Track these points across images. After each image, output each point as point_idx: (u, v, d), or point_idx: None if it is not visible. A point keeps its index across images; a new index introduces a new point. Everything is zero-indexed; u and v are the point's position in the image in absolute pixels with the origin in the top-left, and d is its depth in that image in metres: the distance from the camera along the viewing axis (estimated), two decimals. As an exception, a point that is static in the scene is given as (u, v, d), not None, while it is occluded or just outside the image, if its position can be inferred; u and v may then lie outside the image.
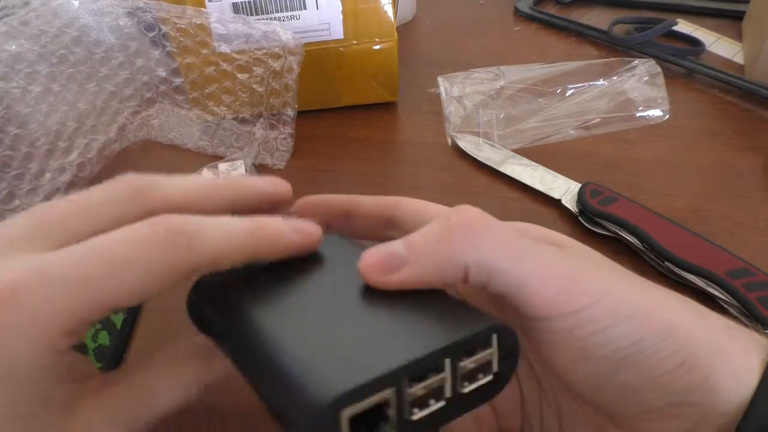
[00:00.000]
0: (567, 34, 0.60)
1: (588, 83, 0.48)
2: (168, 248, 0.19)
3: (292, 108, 0.45)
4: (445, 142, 0.46)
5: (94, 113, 0.45)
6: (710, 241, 0.34)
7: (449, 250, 0.20)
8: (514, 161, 0.43)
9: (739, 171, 0.42)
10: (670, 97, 0.48)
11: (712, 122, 0.47)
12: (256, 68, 0.44)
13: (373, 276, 0.20)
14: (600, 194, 0.38)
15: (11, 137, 0.38)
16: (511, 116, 0.47)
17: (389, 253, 0.20)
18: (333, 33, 0.45)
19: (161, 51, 0.46)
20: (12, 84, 0.38)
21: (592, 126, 0.46)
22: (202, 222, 0.20)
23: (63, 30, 0.41)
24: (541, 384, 0.23)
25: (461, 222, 0.20)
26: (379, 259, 0.20)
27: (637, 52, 0.55)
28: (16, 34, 0.39)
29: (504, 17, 0.63)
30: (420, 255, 0.20)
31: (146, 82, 0.48)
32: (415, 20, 0.64)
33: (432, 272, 0.20)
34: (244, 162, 0.43)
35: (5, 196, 0.39)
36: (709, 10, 0.61)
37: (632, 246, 0.36)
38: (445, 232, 0.20)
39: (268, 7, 0.44)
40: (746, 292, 0.31)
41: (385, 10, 0.45)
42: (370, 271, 0.20)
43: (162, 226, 0.19)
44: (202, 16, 0.42)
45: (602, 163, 0.43)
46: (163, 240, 0.19)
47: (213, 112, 0.47)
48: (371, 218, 0.25)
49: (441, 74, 0.50)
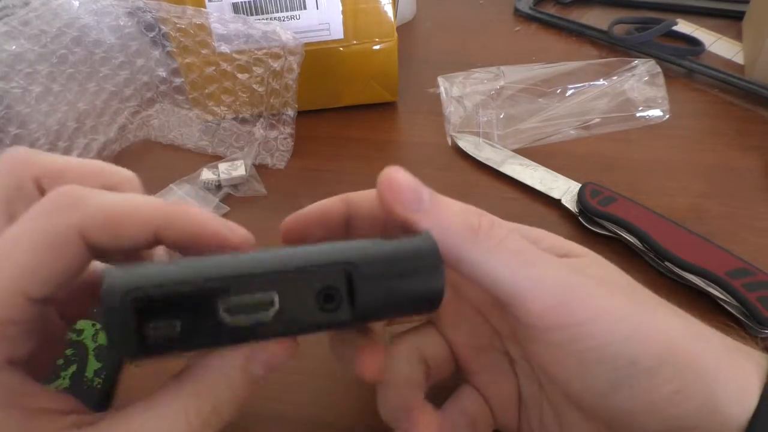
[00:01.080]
0: (567, 34, 0.60)
1: (588, 83, 0.48)
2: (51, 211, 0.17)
3: (292, 108, 0.45)
4: (445, 142, 0.46)
5: (94, 113, 0.45)
6: (710, 241, 0.34)
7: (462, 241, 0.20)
8: (514, 161, 0.43)
9: (740, 171, 0.42)
10: (670, 97, 0.48)
11: (712, 122, 0.47)
12: (256, 68, 0.44)
13: (394, 203, 0.20)
14: (600, 194, 0.38)
15: (11, 137, 0.38)
16: (511, 116, 0.47)
17: (416, 191, 0.20)
18: (333, 33, 0.45)
19: (161, 51, 0.46)
20: (12, 84, 0.38)
21: (592, 126, 0.46)
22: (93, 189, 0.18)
23: (63, 30, 0.41)
24: (542, 385, 0.23)
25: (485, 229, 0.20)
26: (405, 191, 0.20)
27: (637, 52, 0.55)
28: (16, 34, 0.39)
29: (504, 17, 0.63)
30: (438, 218, 0.20)
31: (146, 82, 0.48)
32: (415, 20, 0.64)
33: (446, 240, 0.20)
34: (244, 162, 0.43)
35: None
36: (709, 10, 0.61)
37: (632, 246, 0.36)
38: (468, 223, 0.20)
39: (268, 7, 0.44)
40: (746, 292, 0.31)
41: (385, 10, 0.45)
42: (390, 196, 0.20)
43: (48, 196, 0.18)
44: (202, 16, 0.42)
45: (602, 163, 0.43)
46: (48, 205, 0.18)
47: (213, 112, 0.47)
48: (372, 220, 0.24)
49: (441, 74, 0.50)
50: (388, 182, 0.20)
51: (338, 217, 0.24)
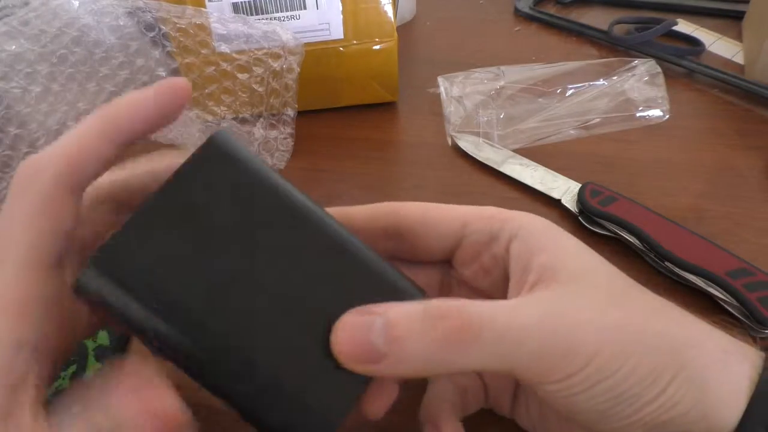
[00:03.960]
0: (567, 34, 0.60)
1: (588, 83, 0.48)
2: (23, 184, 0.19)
3: (292, 108, 0.44)
4: (445, 142, 0.46)
5: (94, 113, 0.44)
6: (710, 241, 0.34)
7: (436, 355, 0.18)
8: (514, 161, 0.43)
9: (740, 171, 0.42)
10: (670, 97, 0.48)
11: (712, 122, 0.47)
12: (256, 68, 0.44)
13: (347, 363, 0.19)
14: (600, 194, 0.38)
15: (11, 137, 0.38)
16: (511, 116, 0.47)
17: (367, 343, 0.18)
18: (333, 33, 0.45)
19: (161, 51, 0.45)
20: (12, 84, 0.38)
21: (592, 126, 0.46)
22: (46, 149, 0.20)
23: (63, 30, 0.41)
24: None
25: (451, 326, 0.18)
26: (356, 348, 0.19)
27: (637, 52, 0.55)
28: (16, 34, 0.39)
29: (504, 17, 0.63)
30: (403, 354, 0.18)
31: (146, 82, 0.48)
32: (415, 20, 0.64)
33: (415, 371, 0.19)
34: (244, 162, 0.43)
35: (5, 196, 0.39)
36: (709, 10, 0.61)
37: (632, 246, 0.36)
38: (433, 333, 0.18)
39: (268, 7, 0.44)
40: (746, 292, 0.31)
41: (385, 10, 0.45)
42: (344, 356, 0.19)
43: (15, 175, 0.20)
44: (202, 16, 0.42)
45: (602, 163, 0.43)
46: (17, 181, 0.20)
47: (213, 112, 0.47)
48: (368, 232, 0.24)
49: (441, 74, 0.50)
50: (339, 349, 0.19)
51: (384, 226, 0.24)
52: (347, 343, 0.19)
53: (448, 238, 0.25)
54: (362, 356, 0.19)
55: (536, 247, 0.22)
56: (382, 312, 0.19)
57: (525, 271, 0.22)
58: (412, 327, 0.18)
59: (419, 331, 0.18)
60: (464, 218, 0.24)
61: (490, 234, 0.24)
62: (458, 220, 0.24)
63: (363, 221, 0.24)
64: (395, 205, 0.25)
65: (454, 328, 0.18)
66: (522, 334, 0.19)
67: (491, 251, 0.24)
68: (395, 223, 0.24)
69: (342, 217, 0.23)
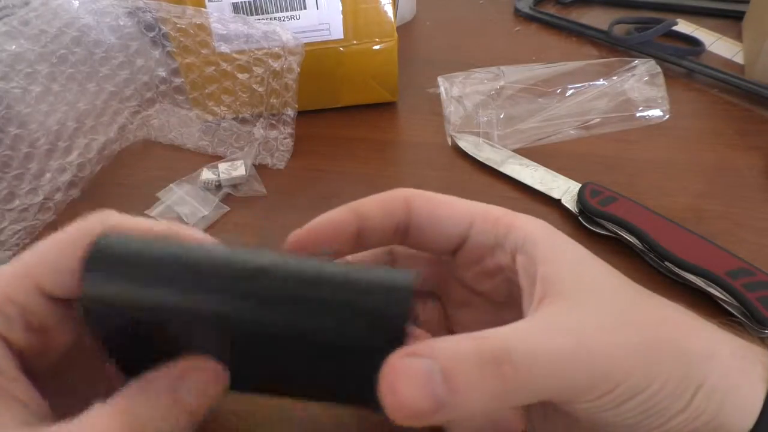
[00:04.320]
0: (567, 34, 0.60)
1: (588, 83, 0.48)
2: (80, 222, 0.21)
3: (292, 108, 0.44)
4: (445, 142, 0.46)
5: (94, 113, 0.45)
6: (710, 241, 0.34)
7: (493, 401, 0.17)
8: (514, 161, 0.43)
9: (740, 171, 0.42)
10: (670, 97, 0.48)
11: (712, 122, 0.47)
12: (256, 68, 0.44)
13: (407, 421, 0.17)
14: (600, 194, 0.38)
15: (11, 137, 0.38)
16: (511, 116, 0.47)
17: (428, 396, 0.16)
18: (333, 33, 0.45)
19: (161, 51, 0.45)
20: (12, 84, 0.38)
21: (592, 126, 0.46)
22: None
23: (63, 30, 0.41)
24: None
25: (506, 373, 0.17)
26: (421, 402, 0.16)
27: (637, 52, 0.55)
28: (16, 34, 0.39)
29: (504, 17, 0.63)
30: (465, 403, 0.17)
31: (146, 82, 0.48)
32: (415, 20, 0.64)
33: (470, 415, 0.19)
34: (244, 162, 0.43)
35: (5, 196, 0.39)
36: (709, 10, 0.61)
37: (632, 246, 0.36)
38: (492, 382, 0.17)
39: (268, 7, 0.44)
40: (746, 292, 0.31)
41: (385, 10, 0.45)
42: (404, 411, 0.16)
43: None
44: (202, 16, 0.42)
45: (602, 163, 0.43)
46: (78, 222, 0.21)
47: (213, 112, 0.47)
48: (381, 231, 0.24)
49: (441, 74, 0.50)
50: (391, 393, 0.16)
51: (349, 230, 0.23)
52: (409, 397, 0.16)
53: (453, 237, 0.24)
54: (425, 411, 0.16)
55: (539, 258, 0.22)
56: (431, 354, 0.17)
57: (532, 284, 0.22)
58: (471, 376, 0.17)
59: (477, 380, 0.17)
60: (471, 217, 0.24)
61: (495, 239, 0.24)
62: (465, 218, 0.24)
63: (377, 219, 0.24)
64: (406, 196, 0.24)
65: (510, 377, 0.17)
66: (565, 367, 0.18)
67: (495, 259, 0.24)
68: (406, 221, 0.24)
69: (353, 213, 0.23)
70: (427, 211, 0.24)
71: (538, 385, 0.18)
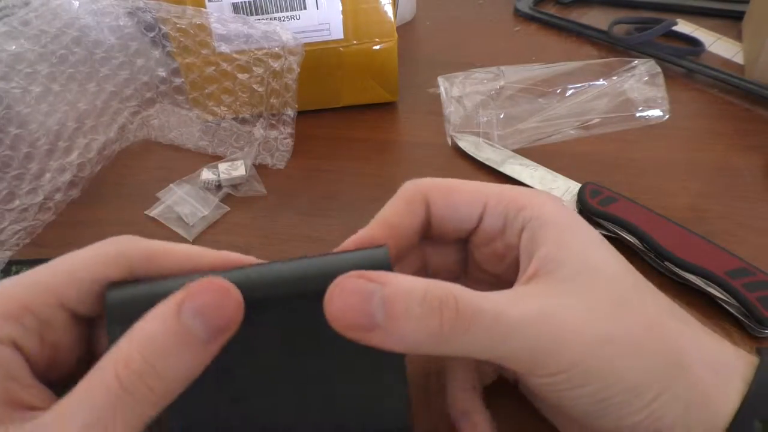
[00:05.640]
0: (567, 34, 0.60)
1: (588, 83, 0.48)
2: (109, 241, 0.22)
3: (292, 108, 0.45)
4: (445, 142, 0.46)
5: (94, 113, 0.45)
6: (710, 241, 0.34)
7: (427, 340, 0.18)
8: (514, 161, 0.43)
9: (740, 171, 0.42)
10: (670, 97, 0.48)
11: (712, 122, 0.47)
12: (256, 68, 0.44)
13: (340, 326, 0.18)
14: (600, 194, 0.38)
15: (11, 137, 0.38)
16: (511, 116, 0.47)
17: (366, 314, 0.18)
18: (333, 33, 0.45)
19: (161, 51, 0.45)
20: (12, 84, 0.38)
21: (592, 126, 0.46)
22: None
23: (63, 30, 0.41)
24: None
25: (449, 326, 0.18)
26: (354, 316, 0.18)
27: (637, 52, 0.55)
28: (16, 34, 0.39)
29: (504, 17, 0.63)
30: (397, 332, 0.18)
31: (146, 82, 0.48)
32: (415, 20, 0.64)
33: (402, 349, 0.19)
34: (244, 162, 0.43)
35: (5, 196, 0.39)
36: (709, 10, 0.61)
37: (632, 246, 0.36)
38: (430, 321, 0.18)
39: (268, 7, 0.44)
40: (746, 292, 0.31)
41: (385, 10, 0.45)
42: (339, 322, 0.18)
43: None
44: (202, 16, 0.42)
45: (602, 163, 0.43)
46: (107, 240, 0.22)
47: (213, 112, 0.47)
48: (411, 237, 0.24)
49: (441, 74, 0.50)
50: (332, 304, 0.18)
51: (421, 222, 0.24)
52: (345, 308, 0.18)
53: (467, 222, 0.25)
54: (358, 324, 0.18)
55: (542, 238, 0.22)
56: (383, 282, 0.18)
57: (529, 262, 0.22)
58: (411, 309, 0.18)
59: (417, 315, 0.18)
60: (486, 199, 0.24)
61: (505, 220, 0.24)
62: (480, 201, 0.24)
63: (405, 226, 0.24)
64: (422, 191, 0.24)
65: (449, 319, 0.18)
66: (508, 331, 0.19)
67: (505, 239, 0.24)
68: (427, 217, 0.24)
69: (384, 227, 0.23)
70: (443, 202, 0.24)
71: (480, 340, 0.19)
